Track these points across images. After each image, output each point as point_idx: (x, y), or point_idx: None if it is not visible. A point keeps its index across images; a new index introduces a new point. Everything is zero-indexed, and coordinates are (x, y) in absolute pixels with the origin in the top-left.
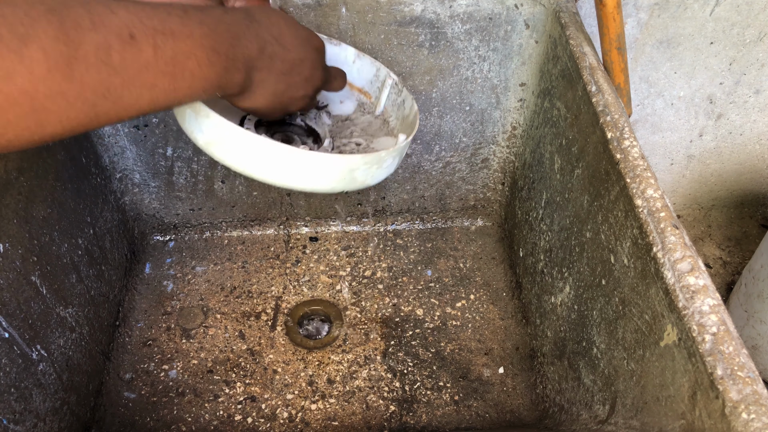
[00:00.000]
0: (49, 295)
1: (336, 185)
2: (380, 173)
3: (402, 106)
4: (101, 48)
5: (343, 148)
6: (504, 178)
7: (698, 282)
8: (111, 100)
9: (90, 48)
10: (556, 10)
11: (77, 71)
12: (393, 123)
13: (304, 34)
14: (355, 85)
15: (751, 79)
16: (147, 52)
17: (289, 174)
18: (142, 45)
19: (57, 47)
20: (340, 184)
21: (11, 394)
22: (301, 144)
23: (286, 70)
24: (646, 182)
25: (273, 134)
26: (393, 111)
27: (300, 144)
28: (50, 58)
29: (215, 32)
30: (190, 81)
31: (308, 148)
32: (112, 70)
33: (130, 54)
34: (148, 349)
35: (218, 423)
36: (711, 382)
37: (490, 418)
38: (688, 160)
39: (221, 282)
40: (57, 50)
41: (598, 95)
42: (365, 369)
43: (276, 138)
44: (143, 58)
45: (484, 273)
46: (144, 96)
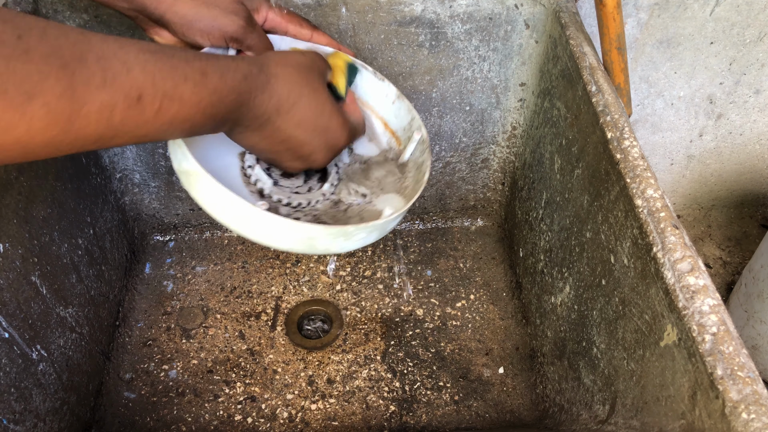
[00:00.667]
0: (49, 295)
1: (293, 248)
2: (350, 245)
3: (419, 169)
4: (105, 108)
5: (343, 196)
6: (504, 178)
7: (698, 282)
8: (98, 145)
9: (94, 106)
10: (556, 10)
11: (76, 126)
12: (408, 182)
13: (325, 118)
14: (390, 126)
15: (751, 79)
16: (149, 113)
17: (247, 227)
18: (146, 107)
19: (61, 105)
20: (299, 248)
21: (11, 394)
22: (304, 178)
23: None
24: (646, 182)
25: None
26: (412, 169)
27: (301, 177)
28: (52, 114)
29: (222, 101)
30: (179, 133)
31: (309, 186)
32: (110, 127)
33: (132, 114)
34: (148, 349)
35: (218, 423)
36: (711, 382)
37: (490, 418)
38: (688, 160)
39: (221, 282)
40: (60, 107)
41: (598, 95)
42: (365, 369)
43: None
44: (143, 118)
45: (484, 273)
46: (132, 141)
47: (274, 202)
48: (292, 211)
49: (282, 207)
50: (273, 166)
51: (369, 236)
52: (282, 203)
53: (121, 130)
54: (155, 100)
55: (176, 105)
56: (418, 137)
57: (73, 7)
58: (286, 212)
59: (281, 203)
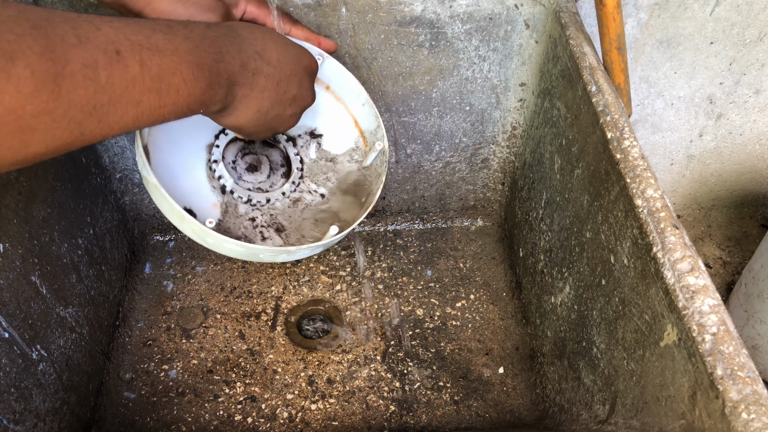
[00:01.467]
0: (49, 295)
1: (240, 257)
2: (293, 258)
3: (378, 180)
4: (88, 65)
5: (304, 195)
6: (504, 178)
7: (698, 282)
8: (97, 117)
9: (77, 65)
10: (556, 10)
11: (64, 89)
12: (368, 187)
13: (293, 51)
14: (360, 125)
15: (751, 79)
16: (133, 68)
17: (198, 238)
18: (128, 61)
19: (44, 64)
20: (244, 257)
21: (11, 394)
22: (267, 173)
23: (270, 86)
24: (646, 182)
25: (246, 153)
26: (373, 176)
27: (266, 169)
28: (37, 75)
29: (199, 48)
30: (175, 97)
31: (272, 182)
32: (99, 87)
33: (116, 70)
34: (148, 349)
35: (218, 423)
36: (711, 382)
37: (490, 418)
38: (688, 160)
39: (221, 282)
40: (44, 67)
41: (598, 95)
42: (365, 369)
43: (245, 159)
44: (129, 74)
45: (484, 273)
46: (129, 113)
47: (234, 199)
48: (251, 209)
49: (241, 204)
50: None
51: (312, 252)
52: (242, 200)
53: (114, 92)
54: (134, 52)
55: (157, 56)
56: (379, 148)
57: (72, 6)
58: (244, 210)
59: (241, 200)
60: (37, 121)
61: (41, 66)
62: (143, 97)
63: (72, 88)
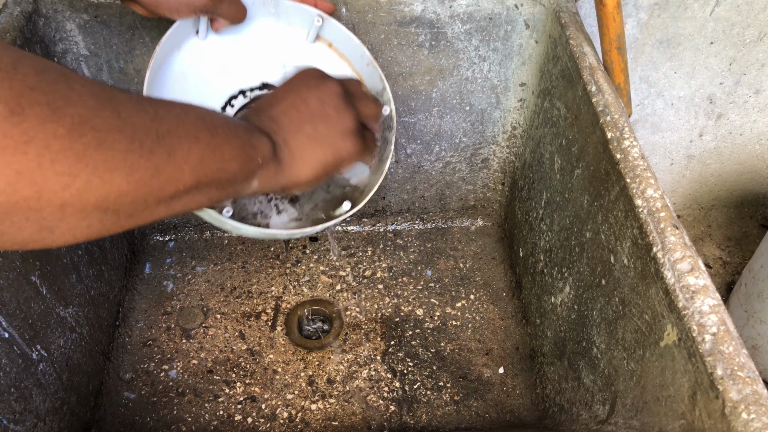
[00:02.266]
0: (49, 295)
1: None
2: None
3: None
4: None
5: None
6: (504, 178)
7: (698, 282)
8: (164, 148)
9: (123, 98)
10: (556, 10)
11: (123, 111)
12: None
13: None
14: (367, 85)
15: (751, 79)
16: (177, 108)
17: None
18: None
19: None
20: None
21: (11, 394)
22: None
23: (308, 117)
24: (646, 182)
25: None
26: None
27: None
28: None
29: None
30: (226, 137)
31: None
32: (153, 117)
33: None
34: (148, 349)
35: (218, 423)
36: (711, 382)
37: (490, 418)
38: (688, 160)
39: (221, 282)
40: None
41: (598, 95)
42: (365, 369)
43: None
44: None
45: (484, 273)
46: (192, 150)
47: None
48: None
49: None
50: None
51: (327, 227)
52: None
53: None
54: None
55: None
56: (386, 113)
57: (73, 7)
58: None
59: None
60: (111, 137)
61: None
62: (198, 133)
63: (129, 112)
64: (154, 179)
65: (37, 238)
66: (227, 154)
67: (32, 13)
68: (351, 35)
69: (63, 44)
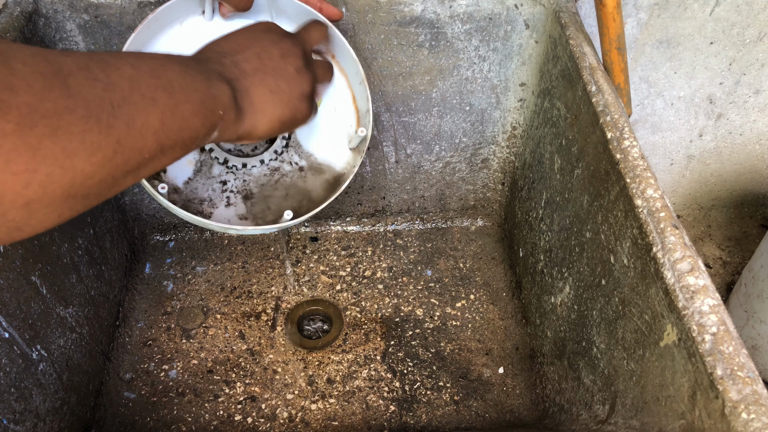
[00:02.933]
0: (49, 295)
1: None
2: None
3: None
4: (81, 67)
5: (281, 165)
6: (504, 178)
7: (698, 282)
8: (121, 119)
9: (71, 66)
10: (556, 10)
11: (72, 85)
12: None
13: (272, 39)
14: (356, 102)
15: (751, 79)
16: (126, 69)
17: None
18: (119, 65)
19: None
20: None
21: (11, 394)
22: None
23: (271, 71)
24: (646, 182)
25: None
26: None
27: None
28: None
29: (174, 58)
30: (185, 95)
31: (255, 144)
32: (105, 85)
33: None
34: (148, 349)
35: (218, 423)
36: (711, 382)
37: (490, 418)
38: (688, 160)
39: (221, 282)
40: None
41: (598, 95)
42: (365, 369)
43: None
44: (125, 72)
45: (484, 273)
46: (151, 114)
47: (211, 158)
48: (225, 171)
49: (217, 165)
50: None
51: (260, 233)
52: (218, 161)
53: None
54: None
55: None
56: (362, 134)
57: (73, 7)
58: (218, 171)
59: (217, 161)
60: (64, 120)
61: (38, 64)
62: (155, 94)
63: (78, 85)
64: (117, 155)
65: (7, 239)
66: (188, 111)
67: (32, 13)
68: (351, 50)
69: (63, 44)
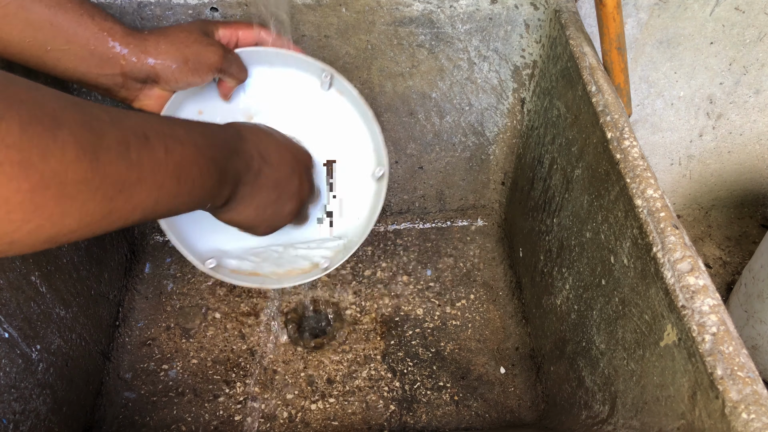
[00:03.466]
0: (49, 295)
1: None
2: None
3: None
4: (121, 142)
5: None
6: (504, 178)
7: (698, 282)
8: (125, 195)
9: (112, 140)
10: (556, 10)
11: (102, 160)
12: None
13: (291, 150)
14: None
15: (751, 79)
16: (159, 152)
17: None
18: (155, 145)
19: (84, 134)
20: None
21: (11, 394)
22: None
23: (270, 185)
24: (646, 182)
25: None
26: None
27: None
28: (79, 143)
29: (214, 145)
30: (191, 187)
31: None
32: (130, 165)
33: (145, 152)
34: (148, 348)
35: (218, 423)
36: (711, 382)
37: (490, 418)
38: (688, 160)
39: (221, 281)
40: (84, 137)
41: (598, 95)
42: (365, 369)
43: None
44: (156, 157)
45: (484, 273)
46: (152, 196)
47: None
48: None
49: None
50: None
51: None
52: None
53: (142, 172)
54: (159, 139)
55: (179, 146)
56: (380, 173)
57: None
58: None
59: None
60: (76, 189)
61: (83, 135)
62: (165, 181)
63: (108, 161)
64: (104, 220)
65: None
66: (184, 198)
67: None
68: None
69: None
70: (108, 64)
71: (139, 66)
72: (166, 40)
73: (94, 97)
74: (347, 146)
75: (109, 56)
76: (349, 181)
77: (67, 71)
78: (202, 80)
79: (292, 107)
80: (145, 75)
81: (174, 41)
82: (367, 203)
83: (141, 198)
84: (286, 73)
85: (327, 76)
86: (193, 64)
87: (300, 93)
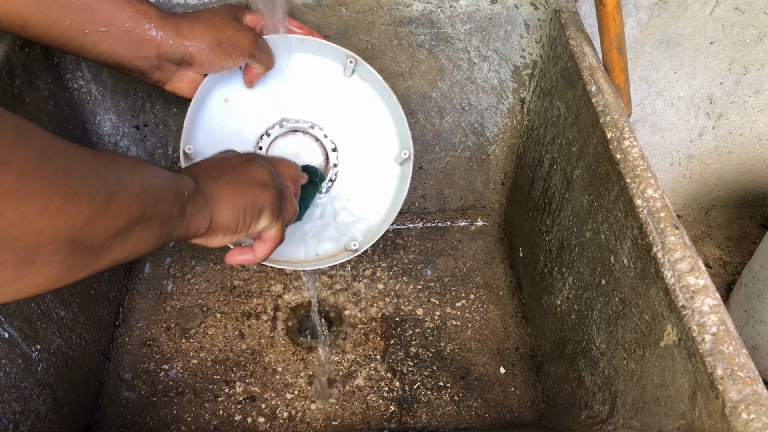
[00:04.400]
0: (49, 295)
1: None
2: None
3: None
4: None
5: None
6: (504, 178)
7: (698, 282)
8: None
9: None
10: (556, 10)
11: None
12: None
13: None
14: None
15: (751, 79)
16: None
17: None
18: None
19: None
20: None
21: (11, 394)
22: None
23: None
24: (646, 182)
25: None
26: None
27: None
28: None
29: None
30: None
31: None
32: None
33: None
34: (148, 349)
35: (218, 423)
36: (711, 382)
37: (490, 418)
38: (688, 160)
39: (221, 281)
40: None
41: (598, 95)
42: (365, 369)
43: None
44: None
45: (484, 273)
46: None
47: None
48: None
49: None
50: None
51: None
52: None
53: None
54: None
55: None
56: (405, 156)
57: None
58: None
59: None
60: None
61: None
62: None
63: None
64: (110, 206)
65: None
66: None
67: None
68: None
69: None
70: (144, 46)
71: (175, 48)
72: (200, 24)
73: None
74: (370, 131)
75: (146, 38)
76: (373, 165)
77: (104, 54)
78: (234, 64)
79: (315, 93)
80: (180, 57)
81: (208, 24)
82: (391, 186)
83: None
84: (308, 59)
85: (352, 62)
86: (226, 47)
87: (323, 79)
